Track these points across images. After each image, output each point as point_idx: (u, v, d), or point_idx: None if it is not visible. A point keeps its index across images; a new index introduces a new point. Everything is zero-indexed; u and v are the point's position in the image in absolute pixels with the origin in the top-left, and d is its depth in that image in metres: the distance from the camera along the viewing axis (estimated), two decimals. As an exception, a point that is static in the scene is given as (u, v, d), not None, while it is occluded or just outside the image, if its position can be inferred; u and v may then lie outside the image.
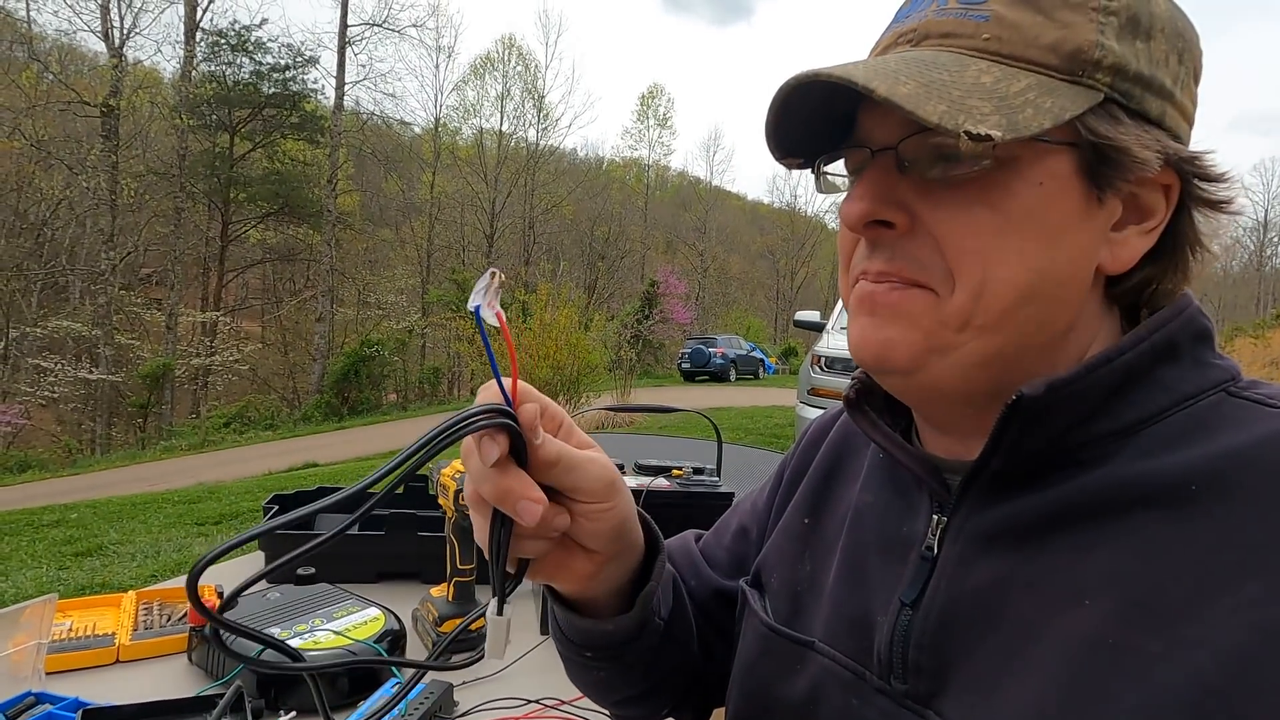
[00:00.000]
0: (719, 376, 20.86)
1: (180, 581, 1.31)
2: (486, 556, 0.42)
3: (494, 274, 0.37)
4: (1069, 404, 0.41)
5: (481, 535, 0.42)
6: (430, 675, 0.97)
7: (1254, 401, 0.40)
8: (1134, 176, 0.41)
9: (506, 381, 0.39)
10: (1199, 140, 0.45)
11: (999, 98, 0.39)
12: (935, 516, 0.47)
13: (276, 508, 1.49)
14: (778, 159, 0.48)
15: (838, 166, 0.49)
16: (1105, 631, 0.36)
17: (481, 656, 0.43)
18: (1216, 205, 0.44)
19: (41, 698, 0.86)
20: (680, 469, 1.34)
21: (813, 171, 0.50)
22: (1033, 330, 0.42)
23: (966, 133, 0.37)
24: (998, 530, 0.43)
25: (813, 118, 0.45)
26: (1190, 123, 0.44)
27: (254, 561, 1.36)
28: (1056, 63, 0.40)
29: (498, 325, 0.38)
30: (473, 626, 1.02)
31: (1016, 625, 0.40)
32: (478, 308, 0.37)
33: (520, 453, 0.40)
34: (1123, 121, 0.41)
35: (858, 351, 0.45)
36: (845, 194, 0.47)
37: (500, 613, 0.41)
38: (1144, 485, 0.39)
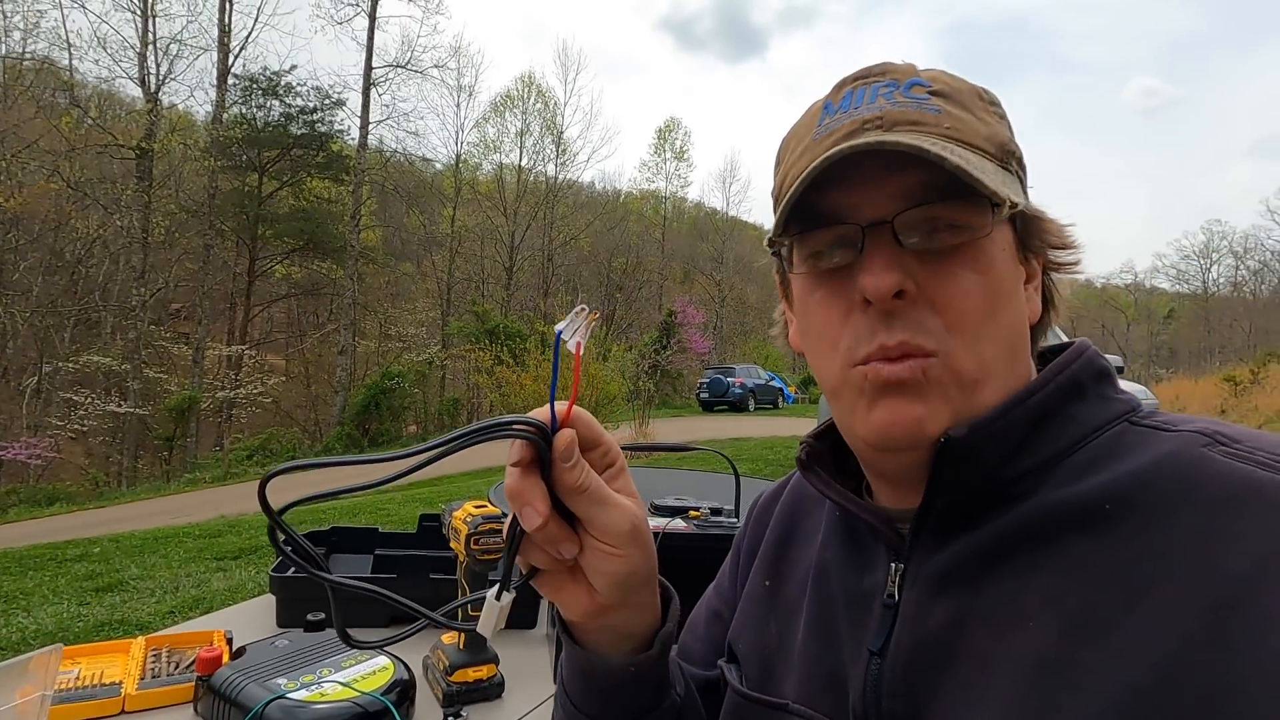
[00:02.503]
0: (737, 406, 20.71)
1: (191, 626, 1.29)
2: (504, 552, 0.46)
3: (582, 309, 0.42)
4: (992, 442, 0.45)
5: (507, 526, 0.46)
6: (439, 730, 0.93)
7: (1152, 428, 0.45)
8: (1046, 243, 0.50)
9: (560, 405, 0.43)
10: (1218, 166, 0.49)
11: (991, 173, 0.44)
12: (893, 565, 0.49)
13: (290, 548, 1.47)
14: (778, 235, 0.50)
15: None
16: (1047, 650, 0.39)
17: (473, 624, 0.47)
18: (1065, 268, 0.53)
19: (43, 752, 0.83)
20: (698, 510, 1.31)
21: (779, 254, 0.53)
22: (1010, 379, 0.47)
23: (1012, 201, 0.43)
24: (948, 570, 0.45)
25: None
26: None
27: (267, 607, 1.34)
28: (994, 151, 0.47)
29: (571, 354, 0.42)
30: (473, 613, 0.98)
31: (974, 658, 0.42)
32: (560, 331, 0.41)
33: (548, 468, 0.43)
34: (1028, 201, 0.49)
35: (886, 433, 0.46)
36: (809, 271, 0.50)
37: (499, 598, 0.45)
38: (1066, 510, 0.42)
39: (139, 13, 18.14)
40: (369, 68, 21.34)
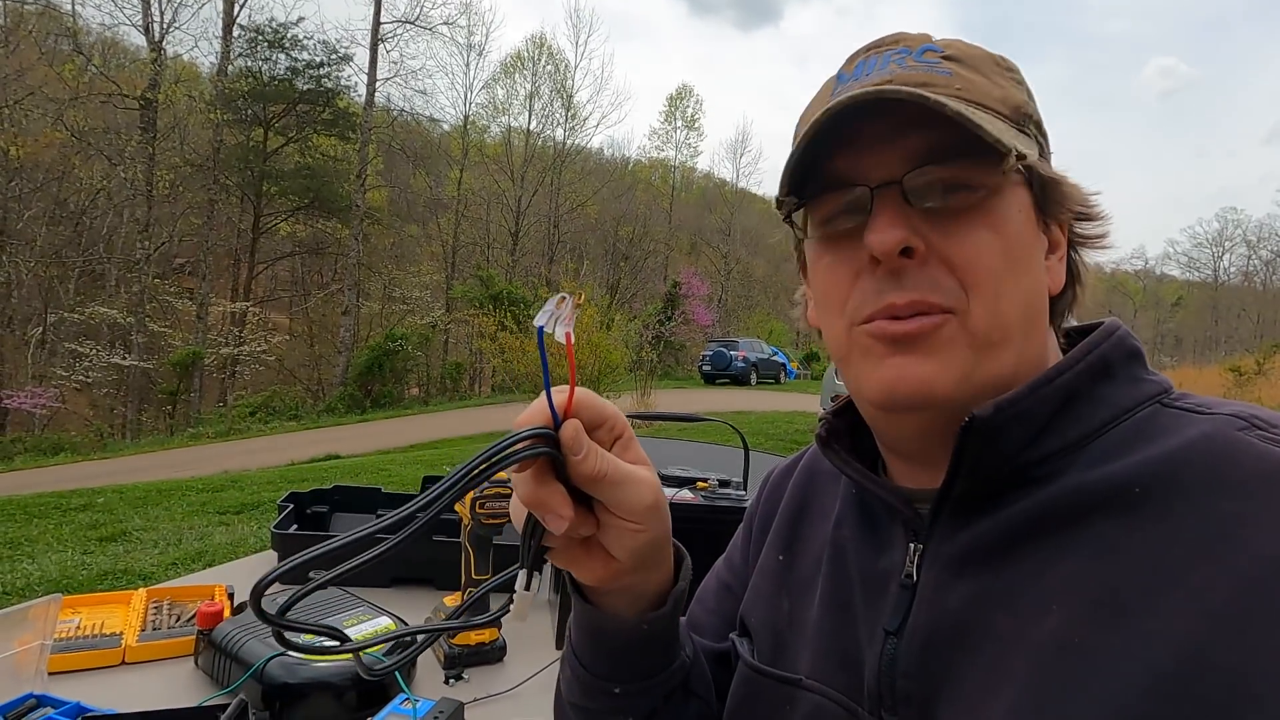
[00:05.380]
0: (740, 380, 20.69)
1: (192, 580, 1.29)
2: (520, 537, 0.44)
3: (563, 299, 0.39)
4: (1017, 423, 0.43)
5: (518, 519, 0.44)
6: (440, 693, 0.93)
7: (1184, 410, 0.43)
8: (1066, 210, 0.49)
9: (558, 398, 0.41)
10: (1235, 152, 0.46)
11: (1001, 130, 0.43)
12: (912, 545, 0.48)
13: (292, 506, 1.47)
14: (786, 193, 0.49)
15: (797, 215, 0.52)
16: (1071, 633, 0.38)
17: (505, 612, 0.45)
18: (1091, 241, 0.51)
19: (43, 700, 0.83)
20: (705, 481, 1.29)
21: (788, 219, 0.52)
22: (1026, 347, 0.46)
23: (1019, 153, 0.42)
24: (968, 552, 0.45)
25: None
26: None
27: (269, 563, 1.34)
28: (1008, 113, 0.47)
29: (563, 344, 0.39)
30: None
31: (994, 641, 0.41)
32: (541, 326, 0.39)
33: (561, 466, 0.42)
34: (1047, 164, 0.48)
35: (892, 391, 0.45)
36: (819, 237, 0.50)
37: (528, 588, 0.44)
38: (1094, 493, 0.41)
39: (143, -43, 17.72)
40: (377, 22, 20.90)
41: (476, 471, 0.38)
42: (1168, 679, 0.35)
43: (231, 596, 1.10)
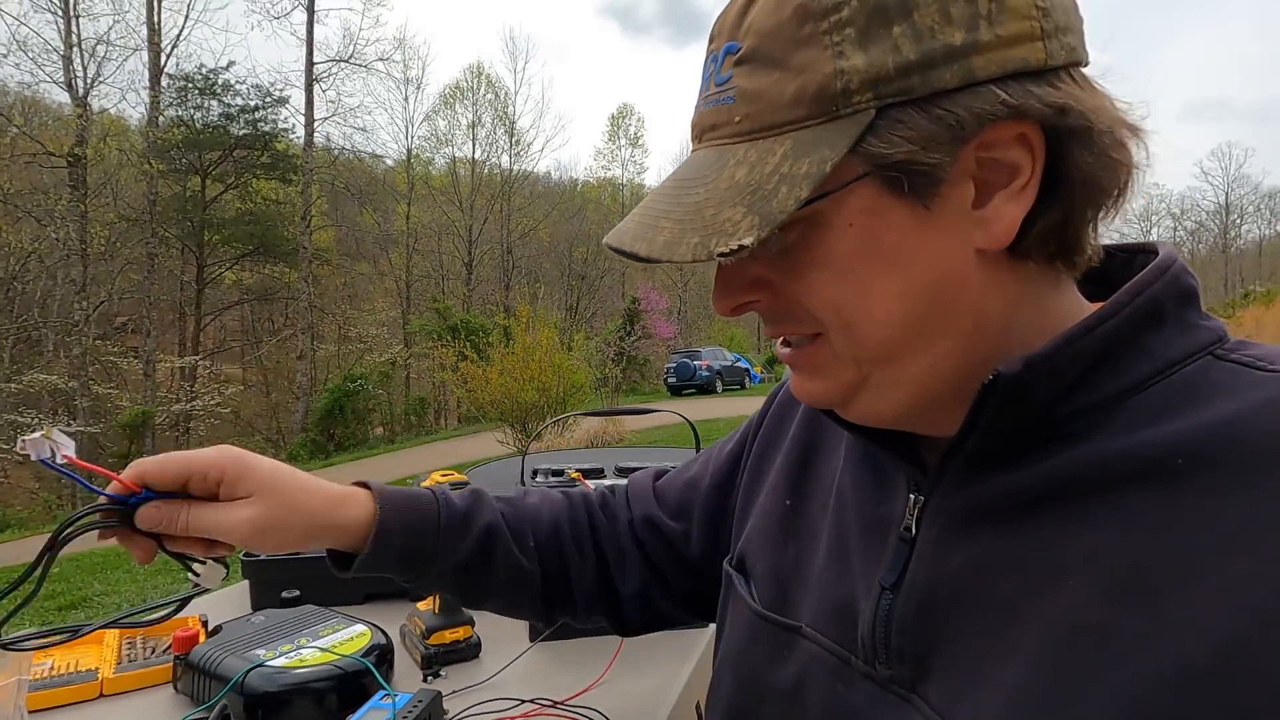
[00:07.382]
0: (706, 389, 20.84)
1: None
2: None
3: (36, 437, 0.52)
4: (1048, 379, 0.38)
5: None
6: (419, 684, 0.97)
7: (1241, 364, 0.38)
8: (950, 168, 0.37)
9: (115, 486, 0.56)
10: (1152, 130, 0.41)
11: (752, 190, 0.38)
12: (912, 497, 0.45)
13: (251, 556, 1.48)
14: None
15: None
16: (1089, 611, 0.35)
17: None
18: (1094, 129, 0.38)
19: (24, 735, 0.84)
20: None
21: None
22: (942, 337, 0.40)
23: (720, 254, 0.37)
24: (978, 510, 0.41)
25: None
26: (1040, 37, 0.37)
27: (240, 592, 1.35)
28: (806, 112, 0.38)
29: (72, 464, 0.54)
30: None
31: (999, 606, 0.39)
32: (43, 459, 0.52)
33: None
34: (908, 122, 0.37)
35: (800, 399, 0.50)
36: None
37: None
38: (1129, 460, 0.36)
39: (60, 13, 17.33)
40: (310, 63, 20.77)
41: (60, 539, 0.51)
42: (1195, 673, 0.31)
43: (205, 624, 1.11)
